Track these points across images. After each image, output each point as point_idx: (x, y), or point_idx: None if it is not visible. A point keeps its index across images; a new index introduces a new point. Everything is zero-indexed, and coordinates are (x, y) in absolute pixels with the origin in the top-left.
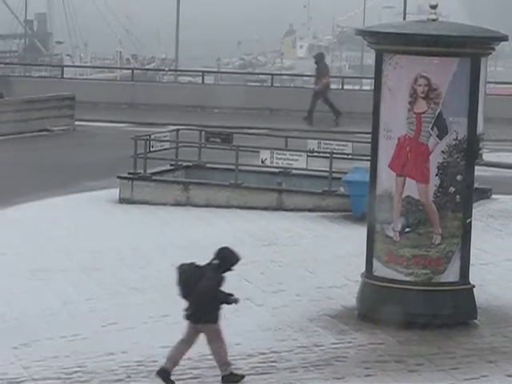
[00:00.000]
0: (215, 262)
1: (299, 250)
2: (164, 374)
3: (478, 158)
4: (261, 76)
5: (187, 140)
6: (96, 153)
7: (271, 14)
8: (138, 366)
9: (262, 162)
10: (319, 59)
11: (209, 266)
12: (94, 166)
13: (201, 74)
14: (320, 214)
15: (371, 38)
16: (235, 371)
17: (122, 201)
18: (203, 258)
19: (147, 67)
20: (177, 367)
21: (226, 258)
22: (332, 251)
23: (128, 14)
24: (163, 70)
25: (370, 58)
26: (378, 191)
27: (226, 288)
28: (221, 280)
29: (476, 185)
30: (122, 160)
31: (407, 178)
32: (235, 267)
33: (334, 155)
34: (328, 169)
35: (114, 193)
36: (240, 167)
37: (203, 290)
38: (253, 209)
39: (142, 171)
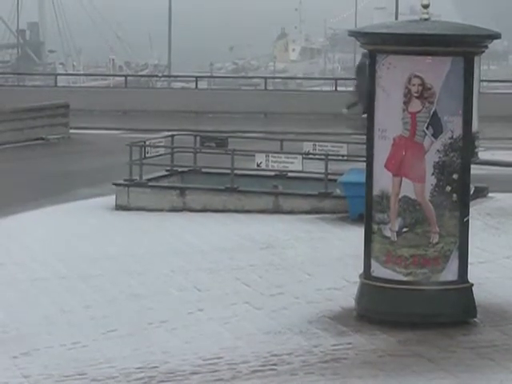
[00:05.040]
0: None
1: (297, 252)
2: None
3: (473, 157)
4: (254, 80)
5: (182, 145)
6: (91, 160)
7: (263, 18)
8: (138, 372)
9: (258, 165)
10: None
11: None
12: (89, 174)
13: (194, 79)
14: (317, 216)
15: (364, 39)
16: None
17: (119, 207)
18: (202, 263)
19: (140, 74)
20: None
21: None
22: (330, 253)
23: (119, 21)
24: (156, 76)
25: None
26: (374, 192)
27: (223, 292)
28: None
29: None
30: (117, 167)
31: (403, 178)
32: None
33: (330, 157)
34: (324, 171)
35: (110, 200)
36: (236, 171)
37: None
38: (250, 212)
39: (138, 177)
